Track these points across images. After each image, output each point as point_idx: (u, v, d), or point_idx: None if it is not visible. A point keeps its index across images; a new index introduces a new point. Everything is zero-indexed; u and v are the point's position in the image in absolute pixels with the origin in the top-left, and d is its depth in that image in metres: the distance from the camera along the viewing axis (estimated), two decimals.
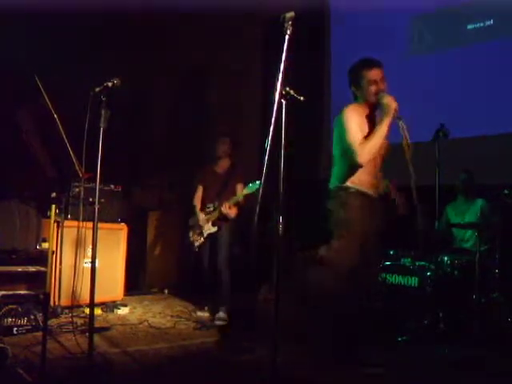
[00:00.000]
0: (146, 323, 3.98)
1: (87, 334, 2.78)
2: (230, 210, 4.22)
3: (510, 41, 4.69)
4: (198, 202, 4.57)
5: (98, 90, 2.62)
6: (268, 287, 4.16)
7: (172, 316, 4.33)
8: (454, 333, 3.59)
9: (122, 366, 2.89)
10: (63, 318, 3.86)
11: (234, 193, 4.32)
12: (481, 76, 4.85)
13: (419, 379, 2.87)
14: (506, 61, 4.72)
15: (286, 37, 1.99)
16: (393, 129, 2.94)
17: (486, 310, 3.63)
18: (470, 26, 4.93)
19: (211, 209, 4.41)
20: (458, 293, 3.84)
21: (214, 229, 4.37)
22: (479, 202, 4.43)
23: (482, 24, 4.87)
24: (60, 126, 2.72)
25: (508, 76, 4.73)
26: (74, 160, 2.80)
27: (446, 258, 4.04)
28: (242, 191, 4.24)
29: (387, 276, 4.02)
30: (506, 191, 3.80)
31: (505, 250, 3.86)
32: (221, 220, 4.33)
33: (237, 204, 4.26)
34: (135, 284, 5.39)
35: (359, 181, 2.98)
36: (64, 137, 2.76)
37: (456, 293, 3.85)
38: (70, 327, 3.45)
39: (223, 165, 4.53)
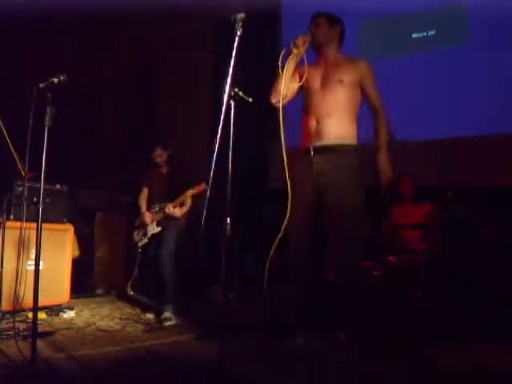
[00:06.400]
0: (93, 326, 3.87)
1: (30, 339, 2.68)
2: (174, 210, 4.23)
3: (451, 50, 4.95)
4: (143, 202, 4.57)
5: (42, 85, 2.53)
6: (218, 288, 4.13)
7: (120, 319, 4.23)
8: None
9: (68, 371, 2.80)
10: (4, 324, 3.69)
11: (179, 194, 4.29)
12: (425, 83, 5.07)
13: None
14: (447, 69, 4.97)
15: (237, 38, 1.99)
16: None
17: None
18: (414, 35, 5.16)
19: (156, 209, 4.40)
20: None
21: (158, 229, 4.34)
22: (425, 207, 4.43)
23: (425, 33, 5.12)
24: (1, 123, 2.61)
25: (449, 84, 4.97)
26: (17, 158, 2.69)
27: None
28: (187, 191, 4.22)
29: None
30: (450, 193, 3.97)
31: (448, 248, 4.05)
32: (167, 220, 4.30)
33: (182, 203, 4.24)
34: (82, 286, 5.24)
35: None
36: (6, 134, 2.65)
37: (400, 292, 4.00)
38: (12, 333, 3.31)
39: (166, 168, 4.52)
